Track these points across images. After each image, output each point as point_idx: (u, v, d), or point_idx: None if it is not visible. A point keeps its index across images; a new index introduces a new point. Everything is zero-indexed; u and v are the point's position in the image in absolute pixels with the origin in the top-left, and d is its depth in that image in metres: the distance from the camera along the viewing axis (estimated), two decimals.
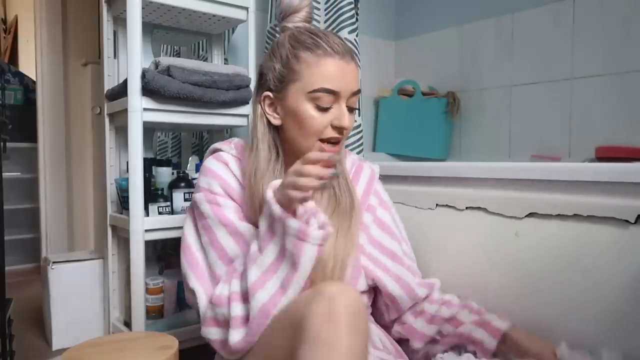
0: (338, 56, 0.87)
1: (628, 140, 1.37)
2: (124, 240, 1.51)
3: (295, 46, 0.89)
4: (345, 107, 0.89)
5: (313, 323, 0.68)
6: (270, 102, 0.92)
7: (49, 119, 2.46)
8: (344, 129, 0.88)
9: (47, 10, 2.45)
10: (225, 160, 0.95)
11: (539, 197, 1.04)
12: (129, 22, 1.29)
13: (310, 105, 0.87)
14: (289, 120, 0.90)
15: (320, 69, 0.86)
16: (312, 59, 0.87)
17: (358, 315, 0.69)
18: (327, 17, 1.49)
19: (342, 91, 0.87)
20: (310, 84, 0.86)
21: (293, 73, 0.88)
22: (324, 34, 0.90)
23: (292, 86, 0.88)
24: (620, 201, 0.92)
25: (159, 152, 1.89)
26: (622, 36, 1.45)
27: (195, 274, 0.90)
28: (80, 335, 1.54)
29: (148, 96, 1.31)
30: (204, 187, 0.93)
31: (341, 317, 0.67)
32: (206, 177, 0.94)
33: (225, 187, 0.92)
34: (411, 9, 2.12)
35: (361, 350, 0.68)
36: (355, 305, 0.69)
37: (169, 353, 0.92)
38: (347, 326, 0.67)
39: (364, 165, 1.06)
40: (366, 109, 2.04)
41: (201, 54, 1.83)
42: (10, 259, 2.54)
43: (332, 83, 0.86)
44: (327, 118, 0.88)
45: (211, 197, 0.91)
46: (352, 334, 0.67)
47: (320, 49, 0.87)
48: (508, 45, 1.74)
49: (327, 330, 0.67)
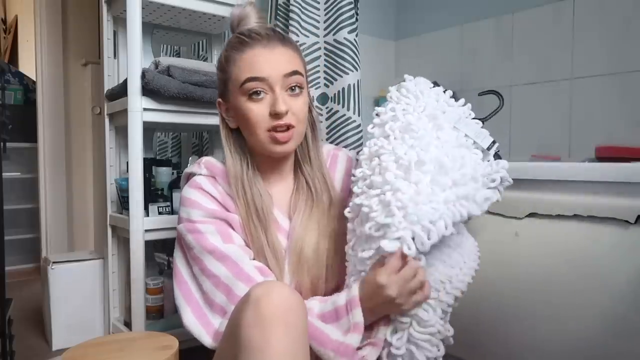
0: (260, 45, 0.88)
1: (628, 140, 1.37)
2: (124, 240, 1.51)
3: (227, 49, 0.93)
4: (282, 91, 0.88)
5: (243, 329, 0.68)
6: (225, 108, 0.95)
7: (49, 119, 2.46)
8: (279, 113, 0.86)
9: (47, 10, 2.45)
10: (197, 184, 0.94)
11: (539, 197, 1.04)
12: (129, 22, 1.29)
13: (244, 98, 0.88)
14: (239, 120, 0.93)
15: (245, 62, 0.88)
16: (238, 56, 0.90)
17: (289, 311, 0.68)
18: (327, 17, 1.49)
19: (270, 76, 0.87)
20: (239, 78, 0.88)
21: (226, 73, 0.92)
22: (251, 29, 0.92)
23: (229, 86, 0.92)
24: (620, 201, 0.92)
25: (159, 152, 1.89)
26: (622, 36, 1.45)
27: (190, 305, 0.89)
28: (80, 335, 1.54)
29: (148, 96, 1.31)
30: (184, 217, 0.92)
31: (270, 319, 0.66)
32: (184, 207, 0.93)
33: (205, 211, 0.91)
34: (411, 9, 2.12)
35: (298, 348, 0.68)
36: (284, 303, 0.68)
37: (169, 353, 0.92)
38: (275, 327, 0.66)
39: (339, 154, 1.05)
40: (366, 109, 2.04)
41: (201, 54, 1.83)
42: (10, 259, 2.55)
43: (256, 71, 0.87)
44: (264, 107, 0.88)
45: (191, 227, 0.90)
46: (282, 334, 0.66)
47: (244, 44, 0.90)
48: (508, 45, 1.74)
49: (257, 335, 0.66)
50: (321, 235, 0.93)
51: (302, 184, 0.97)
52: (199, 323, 0.87)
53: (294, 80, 0.89)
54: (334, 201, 0.96)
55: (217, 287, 0.87)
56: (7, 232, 1.38)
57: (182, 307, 0.89)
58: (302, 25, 1.48)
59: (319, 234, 0.93)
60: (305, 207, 0.95)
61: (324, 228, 0.94)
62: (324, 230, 0.94)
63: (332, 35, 1.47)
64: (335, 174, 1.01)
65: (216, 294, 0.87)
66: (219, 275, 0.87)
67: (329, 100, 1.48)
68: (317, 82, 1.48)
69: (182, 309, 0.89)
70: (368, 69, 1.99)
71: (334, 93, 1.46)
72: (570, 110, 1.57)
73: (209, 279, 0.88)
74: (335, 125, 1.47)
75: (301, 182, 0.98)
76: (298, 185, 0.98)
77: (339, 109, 1.45)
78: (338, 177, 1.01)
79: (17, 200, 2.89)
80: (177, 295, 0.91)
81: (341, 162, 1.03)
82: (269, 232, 0.91)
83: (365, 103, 2.00)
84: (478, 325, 1.14)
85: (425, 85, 0.92)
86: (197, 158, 1.62)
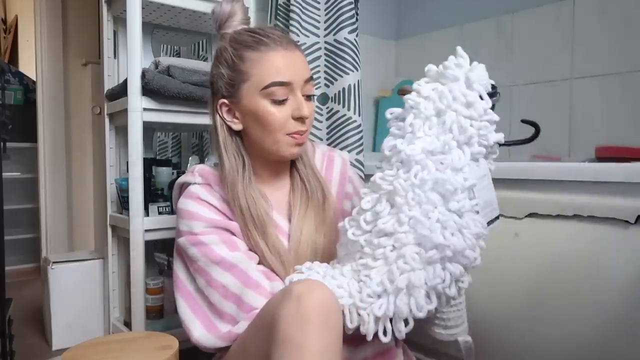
0: (281, 47, 0.87)
1: (628, 140, 1.37)
2: (124, 240, 1.51)
3: (237, 47, 0.89)
4: (301, 96, 0.88)
5: (283, 324, 0.67)
6: (228, 109, 0.92)
7: (49, 119, 2.46)
8: (305, 117, 0.88)
9: (47, 10, 2.45)
10: (194, 193, 0.92)
11: (539, 197, 1.04)
12: (129, 22, 1.29)
13: (266, 101, 0.86)
14: (250, 122, 0.90)
15: (267, 64, 0.86)
16: (256, 56, 0.86)
17: (328, 312, 0.68)
18: (327, 17, 1.49)
19: (294, 81, 0.86)
20: (261, 81, 0.86)
21: (241, 74, 0.88)
22: (262, 29, 0.90)
23: (243, 87, 0.88)
24: (620, 201, 0.92)
25: (159, 152, 1.89)
26: (622, 36, 1.45)
27: (199, 318, 0.87)
28: (80, 335, 1.54)
29: (148, 96, 1.31)
30: (185, 231, 0.90)
31: (310, 317, 0.66)
32: (183, 219, 0.91)
33: (206, 221, 0.89)
34: (411, 9, 2.12)
35: (333, 349, 0.67)
36: (325, 302, 0.68)
37: (169, 353, 0.92)
38: (316, 325, 0.66)
39: (334, 155, 1.05)
40: (366, 109, 2.04)
41: (201, 54, 1.83)
42: (10, 259, 2.55)
43: (282, 75, 0.86)
44: (286, 111, 0.87)
45: (194, 240, 0.88)
46: (322, 333, 0.66)
47: (262, 44, 0.87)
48: (508, 45, 1.73)
49: (296, 331, 0.66)
50: (317, 230, 0.93)
51: (297, 183, 0.97)
52: (211, 335, 0.85)
53: (311, 87, 0.90)
54: (326, 196, 0.96)
55: (226, 297, 0.85)
56: (7, 232, 1.38)
57: (190, 320, 0.88)
58: (303, 25, 1.48)
59: (315, 229, 0.93)
60: (301, 205, 0.95)
61: (319, 223, 0.94)
62: (320, 226, 0.94)
63: (333, 35, 1.47)
64: (332, 175, 1.02)
65: (225, 305, 0.85)
66: (227, 285, 0.85)
67: (329, 100, 1.48)
68: (317, 82, 1.49)
69: (191, 322, 0.87)
70: (368, 69, 1.99)
71: (335, 93, 1.46)
72: (570, 110, 1.57)
73: (217, 290, 0.86)
74: (335, 125, 1.47)
75: (296, 181, 0.98)
76: (294, 184, 0.98)
77: (339, 109, 1.45)
78: (335, 179, 1.02)
79: (17, 200, 2.89)
80: (183, 309, 0.89)
81: (337, 165, 1.04)
82: (268, 236, 0.89)
83: (365, 103, 2.01)
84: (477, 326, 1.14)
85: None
86: (197, 158, 1.63)
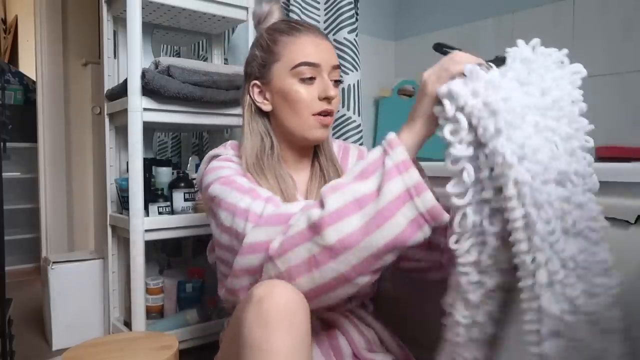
0: (312, 34, 0.93)
1: (628, 140, 1.37)
2: (124, 240, 1.51)
3: (272, 33, 0.95)
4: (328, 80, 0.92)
5: (246, 330, 0.67)
6: (259, 90, 0.95)
7: (49, 119, 2.46)
8: (331, 98, 0.91)
9: (47, 10, 2.45)
10: (226, 157, 0.94)
11: None
12: (129, 22, 1.29)
13: (295, 80, 0.90)
14: (279, 102, 0.93)
15: (298, 46, 0.91)
16: (289, 39, 0.92)
17: (291, 313, 0.67)
18: (327, 17, 1.49)
19: (322, 63, 0.91)
20: (291, 61, 0.90)
21: (274, 55, 0.93)
22: (297, 21, 0.97)
23: (274, 67, 0.92)
24: (620, 201, 0.92)
25: (159, 152, 1.89)
26: (622, 36, 1.45)
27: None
28: (80, 335, 1.55)
29: (148, 96, 1.31)
30: (212, 180, 0.88)
31: (271, 319, 0.66)
32: (211, 173, 0.90)
33: (236, 171, 0.89)
34: (411, 9, 2.12)
35: (300, 349, 0.67)
36: (287, 303, 0.68)
37: (169, 353, 0.92)
38: (279, 328, 0.66)
39: (351, 146, 1.09)
40: (366, 109, 2.04)
41: (201, 54, 1.83)
42: (10, 259, 2.55)
43: (311, 57, 0.90)
44: (313, 91, 0.90)
45: (224, 180, 0.87)
46: (286, 335, 0.66)
47: (295, 29, 0.93)
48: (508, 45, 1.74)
49: (258, 335, 0.66)
50: None
51: (316, 172, 1.00)
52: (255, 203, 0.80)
53: (337, 73, 0.94)
54: None
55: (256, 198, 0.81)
56: (7, 232, 1.38)
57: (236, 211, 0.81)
58: None
59: None
60: (317, 194, 0.95)
61: None
62: None
63: (332, 35, 1.47)
64: (346, 165, 1.05)
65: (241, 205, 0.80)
66: (257, 189, 0.83)
67: None
68: None
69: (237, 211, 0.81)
70: (368, 69, 1.99)
71: None
72: None
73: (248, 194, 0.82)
74: (335, 125, 1.47)
75: (316, 169, 1.00)
76: (313, 173, 1.00)
77: (339, 109, 1.45)
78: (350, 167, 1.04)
79: (17, 200, 2.89)
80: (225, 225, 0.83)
81: (353, 155, 1.07)
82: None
83: (365, 103, 2.01)
84: None
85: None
86: (197, 158, 1.63)
